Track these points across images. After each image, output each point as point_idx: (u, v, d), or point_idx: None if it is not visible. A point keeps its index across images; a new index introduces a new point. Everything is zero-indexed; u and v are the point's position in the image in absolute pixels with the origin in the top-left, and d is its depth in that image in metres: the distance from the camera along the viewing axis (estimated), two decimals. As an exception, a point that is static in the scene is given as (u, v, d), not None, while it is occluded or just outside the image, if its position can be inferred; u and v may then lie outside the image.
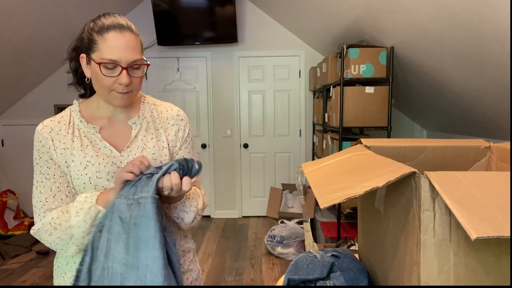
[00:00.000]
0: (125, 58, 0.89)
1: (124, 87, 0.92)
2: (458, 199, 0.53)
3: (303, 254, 0.91)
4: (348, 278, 0.81)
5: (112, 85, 0.91)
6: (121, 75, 0.90)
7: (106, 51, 0.88)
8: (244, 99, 4.55)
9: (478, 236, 0.47)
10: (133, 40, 0.91)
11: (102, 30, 0.90)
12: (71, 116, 1.00)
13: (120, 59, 0.89)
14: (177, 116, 1.08)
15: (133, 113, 1.04)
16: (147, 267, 0.84)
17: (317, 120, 4.12)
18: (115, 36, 0.89)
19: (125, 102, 0.95)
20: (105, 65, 0.89)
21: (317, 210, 3.66)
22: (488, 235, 0.47)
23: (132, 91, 0.95)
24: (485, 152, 1.02)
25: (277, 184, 4.56)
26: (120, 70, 0.90)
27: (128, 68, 0.91)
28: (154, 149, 1.00)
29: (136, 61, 0.91)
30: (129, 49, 0.90)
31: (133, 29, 0.93)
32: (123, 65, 0.89)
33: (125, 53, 0.89)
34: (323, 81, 3.56)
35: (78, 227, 0.89)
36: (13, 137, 4.46)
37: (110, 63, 0.89)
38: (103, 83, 0.91)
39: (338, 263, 0.86)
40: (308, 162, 1.01)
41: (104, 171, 0.94)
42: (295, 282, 0.84)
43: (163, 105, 1.10)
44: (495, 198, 0.54)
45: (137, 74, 0.94)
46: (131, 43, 0.90)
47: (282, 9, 4.01)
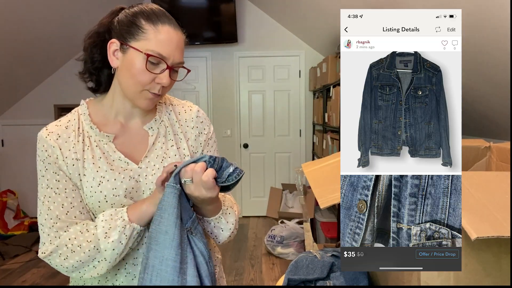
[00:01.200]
0: (173, 57, 0.80)
1: (160, 88, 0.82)
2: (458, 199, 0.53)
3: (303, 254, 0.91)
4: (348, 278, 0.81)
5: (149, 83, 0.81)
6: (163, 74, 0.80)
7: (157, 43, 0.78)
8: (244, 99, 4.55)
9: (478, 236, 0.47)
10: (183, 41, 0.84)
11: (154, 19, 0.80)
12: (79, 120, 0.87)
13: (169, 57, 0.80)
14: (197, 118, 0.96)
15: (149, 116, 0.92)
16: (154, 268, 0.71)
17: (317, 120, 4.12)
18: (170, 31, 0.80)
19: (152, 105, 0.85)
20: (153, 59, 0.79)
21: (317, 210, 3.66)
22: (488, 235, 0.47)
23: (162, 95, 0.85)
24: (485, 152, 1.02)
25: (277, 184, 4.56)
26: (164, 68, 0.80)
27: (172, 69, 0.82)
28: (175, 158, 0.88)
29: (181, 63, 0.84)
30: (179, 49, 0.82)
31: (183, 30, 0.86)
32: (169, 63, 0.80)
33: (176, 52, 0.81)
34: (323, 81, 3.56)
35: (113, 249, 0.77)
36: (13, 137, 4.46)
37: (158, 58, 0.79)
38: (140, 78, 0.80)
39: (338, 263, 0.86)
40: (308, 162, 1.01)
41: (122, 187, 0.82)
42: (295, 282, 0.84)
43: (181, 105, 0.97)
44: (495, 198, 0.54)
45: (175, 77, 0.85)
46: (181, 43, 0.83)
47: (282, 9, 4.01)
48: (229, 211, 0.89)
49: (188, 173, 0.74)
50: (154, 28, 0.79)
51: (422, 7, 2.07)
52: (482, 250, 0.57)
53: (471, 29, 1.92)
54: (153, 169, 0.85)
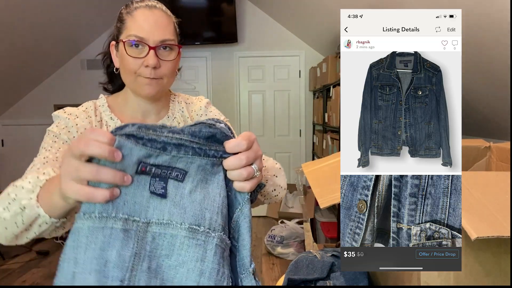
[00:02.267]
0: (153, 36, 0.78)
1: (151, 71, 0.79)
2: (458, 199, 0.53)
3: (303, 254, 0.91)
4: (348, 278, 0.81)
5: (139, 69, 0.80)
6: (148, 56, 0.78)
7: (133, 28, 0.79)
8: (244, 99, 4.55)
9: (478, 236, 0.47)
10: (164, 18, 0.81)
11: (131, 7, 0.81)
12: (97, 110, 0.87)
13: (148, 37, 0.78)
14: (205, 108, 0.96)
15: (163, 113, 0.93)
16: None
17: (317, 120, 4.12)
18: (144, 12, 0.80)
19: (153, 90, 0.82)
20: (130, 43, 0.78)
21: (317, 210, 3.66)
22: (488, 235, 0.47)
23: (162, 78, 0.82)
24: (485, 152, 1.02)
25: (277, 184, 4.56)
26: (147, 50, 0.79)
27: (157, 49, 0.79)
28: None
29: (165, 41, 0.80)
30: (159, 27, 0.79)
31: (164, 9, 0.84)
32: (150, 44, 0.78)
33: (154, 30, 0.78)
34: (323, 81, 3.56)
35: (5, 227, 0.59)
36: (13, 137, 4.46)
37: (137, 41, 0.78)
38: (128, 66, 0.80)
39: (338, 263, 0.86)
40: (308, 162, 1.01)
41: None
42: (295, 282, 0.84)
43: (193, 102, 0.98)
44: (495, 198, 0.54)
45: (167, 56, 0.81)
46: (161, 20, 0.80)
47: (282, 9, 4.01)
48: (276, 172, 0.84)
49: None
50: (131, 15, 0.80)
51: (422, 7, 2.07)
52: (482, 250, 0.57)
53: (471, 29, 1.92)
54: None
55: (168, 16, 0.84)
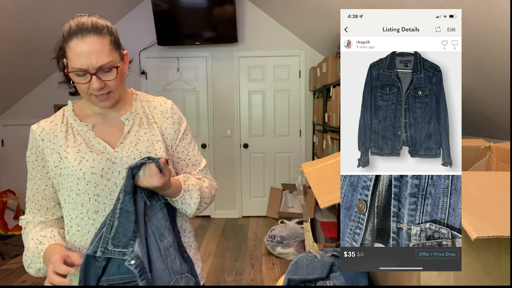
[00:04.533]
0: (91, 64, 0.88)
1: (99, 91, 0.92)
2: (458, 199, 0.53)
3: (303, 254, 0.91)
4: (348, 278, 0.81)
5: (88, 90, 0.92)
6: (91, 81, 0.90)
7: (73, 60, 0.89)
8: (244, 99, 4.55)
9: (478, 236, 0.47)
10: (97, 43, 0.89)
11: (67, 38, 0.89)
12: (64, 115, 1.04)
13: (87, 67, 0.88)
14: (171, 110, 1.09)
15: (125, 109, 1.05)
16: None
17: (317, 120, 4.12)
18: (77, 43, 0.88)
19: (107, 104, 0.96)
20: (75, 74, 0.90)
21: (317, 210, 3.66)
22: (488, 235, 0.47)
23: (112, 92, 0.95)
24: (485, 152, 1.02)
25: (277, 184, 4.56)
26: (90, 76, 0.90)
27: (98, 73, 0.90)
28: (147, 143, 1.00)
29: (102, 66, 0.89)
30: (94, 55, 0.88)
31: (97, 31, 0.90)
32: (90, 71, 0.89)
33: (90, 59, 0.88)
34: (323, 81, 3.56)
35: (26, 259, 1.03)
36: (13, 137, 4.46)
37: (79, 71, 0.89)
38: (80, 89, 0.93)
39: (338, 263, 0.86)
40: (308, 162, 1.01)
41: (99, 167, 0.95)
42: (295, 282, 0.84)
43: (156, 100, 1.10)
44: (495, 198, 0.55)
45: (108, 77, 0.92)
46: (94, 47, 0.88)
47: (282, 9, 4.01)
48: (190, 188, 1.00)
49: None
50: (68, 47, 0.89)
51: (422, 7, 2.07)
52: (482, 250, 0.57)
53: (471, 29, 1.92)
54: (128, 152, 0.98)
55: (101, 38, 0.90)
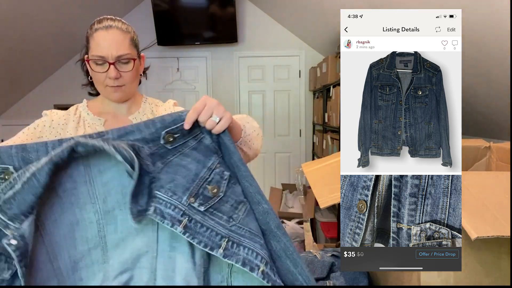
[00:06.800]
0: (111, 53, 0.95)
1: (114, 81, 0.97)
2: (458, 199, 0.53)
3: (303, 254, 0.91)
4: (348, 278, 0.81)
5: (104, 80, 0.98)
6: (109, 70, 0.96)
7: (94, 48, 0.96)
8: (244, 99, 4.55)
9: (478, 236, 0.47)
10: (119, 36, 0.97)
11: (93, 31, 0.98)
12: (78, 109, 1.08)
13: (107, 55, 0.95)
14: (173, 107, 1.13)
15: (134, 110, 1.11)
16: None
17: (317, 120, 4.12)
18: (101, 34, 0.96)
19: (119, 96, 1.01)
20: (94, 61, 0.96)
21: (317, 210, 3.66)
22: (488, 235, 0.47)
23: (125, 85, 1.00)
24: (485, 152, 1.02)
25: (277, 184, 4.56)
26: (108, 65, 0.96)
27: (116, 63, 0.96)
28: None
29: (121, 56, 0.96)
30: (115, 45, 0.96)
31: (121, 27, 0.99)
32: (109, 60, 0.96)
33: (111, 48, 0.96)
34: (323, 81, 3.56)
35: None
36: (13, 137, 4.46)
37: (99, 59, 0.96)
38: (96, 79, 0.99)
39: (338, 263, 0.86)
40: (308, 162, 1.01)
41: None
42: (295, 282, 0.84)
43: (164, 106, 1.15)
44: (495, 198, 0.54)
45: (125, 68, 0.99)
46: (116, 38, 0.97)
47: (282, 9, 4.01)
48: (247, 119, 0.97)
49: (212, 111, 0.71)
50: (92, 37, 0.97)
51: (422, 7, 2.07)
52: (482, 250, 0.57)
53: (471, 29, 1.92)
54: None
55: (124, 33, 0.99)
